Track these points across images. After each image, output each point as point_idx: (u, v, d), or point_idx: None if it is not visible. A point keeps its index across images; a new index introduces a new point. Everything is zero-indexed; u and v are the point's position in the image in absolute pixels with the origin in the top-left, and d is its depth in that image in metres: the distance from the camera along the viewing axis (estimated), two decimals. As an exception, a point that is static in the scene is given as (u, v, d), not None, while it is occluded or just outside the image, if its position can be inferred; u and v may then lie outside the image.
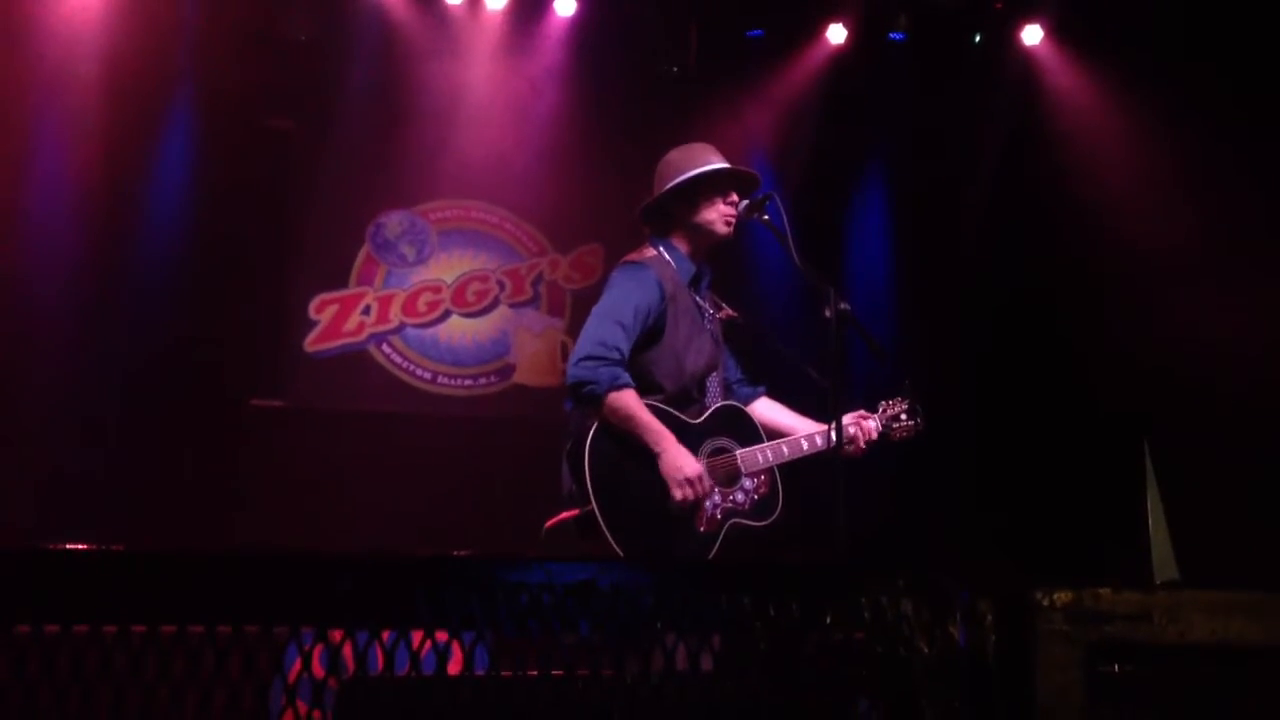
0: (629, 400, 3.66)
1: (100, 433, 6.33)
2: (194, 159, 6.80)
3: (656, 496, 3.65)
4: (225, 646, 1.56)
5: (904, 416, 4.08)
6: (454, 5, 6.94)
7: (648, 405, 3.71)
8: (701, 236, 3.96)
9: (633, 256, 3.96)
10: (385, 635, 1.62)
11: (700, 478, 3.67)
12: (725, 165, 3.94)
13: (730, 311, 4.13)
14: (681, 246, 3.98)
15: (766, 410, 4.15)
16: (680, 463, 3.64)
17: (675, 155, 4.00)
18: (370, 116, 7.03)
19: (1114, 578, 1.73)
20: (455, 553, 1.58)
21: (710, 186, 3.92)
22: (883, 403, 4.11)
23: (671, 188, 3.92)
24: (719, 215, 3.92)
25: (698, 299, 3.99)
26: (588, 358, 3.68)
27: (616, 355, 3.69)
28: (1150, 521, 4.44)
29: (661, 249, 3.96)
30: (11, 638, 1.56)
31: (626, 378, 3.69)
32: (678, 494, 3.64)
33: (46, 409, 6.33)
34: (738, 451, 3.84)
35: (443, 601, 1.56)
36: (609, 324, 3.73)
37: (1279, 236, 6.37)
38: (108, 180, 6.52)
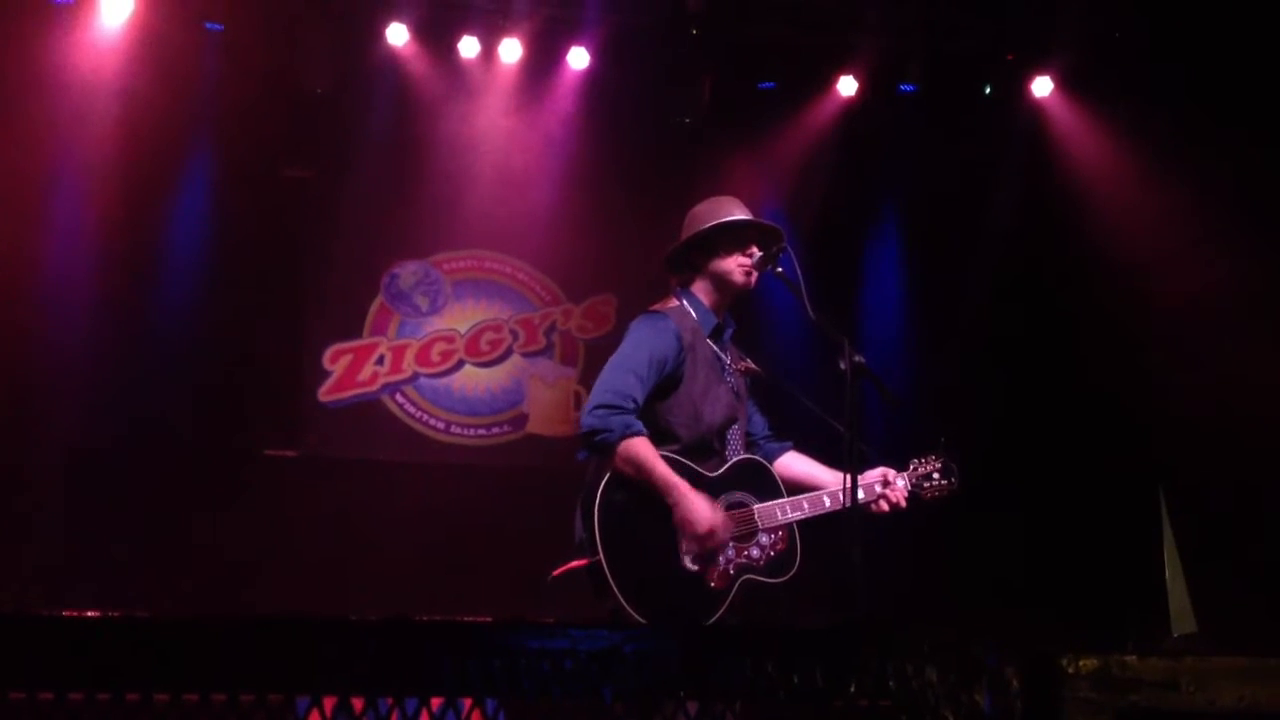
0: (642, 448, 3.63)
1: (115, 483, 6.33)
2: (211, 208, 6.86)
3: (666, 549, 3.61)
4: (247, 712, 1.55)
5: (936, 476, 3.94)
6: (469, 58, 7.00)
7: (663, 456, 3.67)
8: (722, 287, 3.94)
9: (655, 306, 3.96)
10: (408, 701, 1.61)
11: (714, 530, 3.62)
12: (746, 217, 3.95)
13: (752, 365, 4.08)
14: (704, 298, 3.96)
15: (794, 464, 4.06)
16: (693, 515, 3.60)
17: (701, 207, 4.00)
18: (386, 167, 7.08)
19: (1140, 643, 1.71)
20: (479, 619, 1.57)
21: (730, 238, 3.91)
22: (914, 460, 3.98)
23: (691, 237, 3.93)
24: (737, 266, 3.89)
25: (718, 350, 3.96)
26: (600, 406, 3.66)
27: (630, 405, 3.66)
28: (1167, 573, 4.38)
29: (684, 300, 3.95)
30: (29, 704, 1.55)
31: (639, 426, 3.65)
32: (691, 545, 3.61)
33: (63, 458, 6.35)
34: (755, 506, 3.78)
35: (466, 668, 1.56)
36: (623, 373, 3.72)
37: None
38: (126, 228, 6.57)
